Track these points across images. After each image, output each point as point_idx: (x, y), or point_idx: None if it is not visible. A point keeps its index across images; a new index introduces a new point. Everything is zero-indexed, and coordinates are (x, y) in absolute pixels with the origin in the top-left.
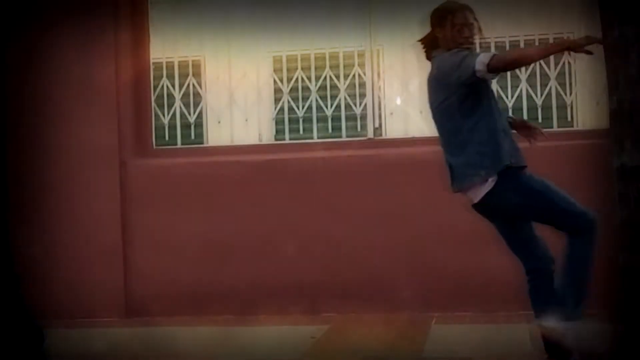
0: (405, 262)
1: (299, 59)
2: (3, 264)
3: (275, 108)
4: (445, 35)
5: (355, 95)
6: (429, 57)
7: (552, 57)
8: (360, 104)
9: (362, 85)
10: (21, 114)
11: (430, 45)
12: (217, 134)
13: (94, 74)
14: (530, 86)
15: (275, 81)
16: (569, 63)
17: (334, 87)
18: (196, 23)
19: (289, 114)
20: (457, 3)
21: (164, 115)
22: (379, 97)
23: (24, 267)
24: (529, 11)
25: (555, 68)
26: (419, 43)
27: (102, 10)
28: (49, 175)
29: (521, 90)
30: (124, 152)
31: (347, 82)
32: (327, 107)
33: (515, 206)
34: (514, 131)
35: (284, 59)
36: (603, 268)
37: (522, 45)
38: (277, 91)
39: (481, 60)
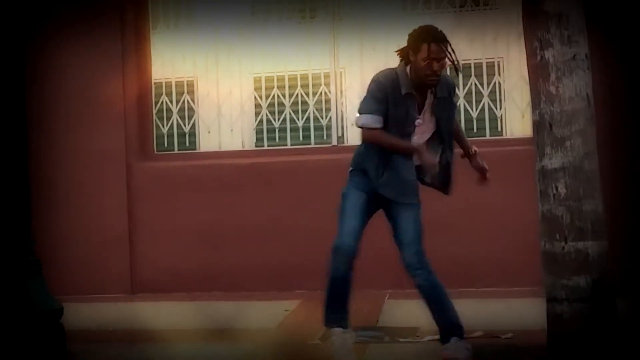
0: (364, 248)
1: (275, 79)
2: (26, 251)
3: (256, 120)
4: (415, 61)
5: (322, 109)
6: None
7: (485, 77)
8: (326, 117)
9: (328, 101)
10: (44, 123)
11: (404, 58)
12: (207, 142)
13: (104, 91)
14: (467, 102)
15: (255, 98)
16: (499, 83)
17: (304, 102)
18: (190, 49)
19: (267, 124)
20: (439, 33)
21: (163, 126)
22: (341, 111)
23: (45, 253)
24: (466, 38)
25: (488, 87)
26: (396, 53)
27: (111, 37)
28: (66, 175)
29: (459, 105)
30: (130, 157)
31: (315, 98)
32: (298, 119)
33: None
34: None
35: (263, 79)
36: (533, 253)
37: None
38: (257, 106)
39: (358, 118)
